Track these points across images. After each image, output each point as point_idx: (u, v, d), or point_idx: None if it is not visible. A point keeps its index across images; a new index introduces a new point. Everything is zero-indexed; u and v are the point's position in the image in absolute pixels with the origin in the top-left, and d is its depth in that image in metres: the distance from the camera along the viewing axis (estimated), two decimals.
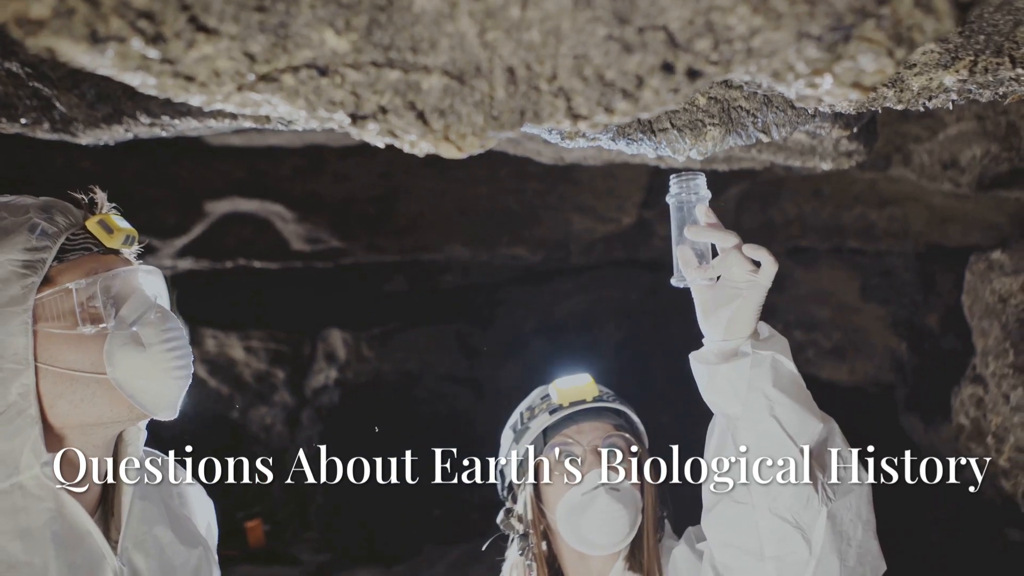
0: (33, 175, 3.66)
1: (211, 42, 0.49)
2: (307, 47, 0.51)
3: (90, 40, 0.46)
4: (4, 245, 1.06)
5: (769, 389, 1.12)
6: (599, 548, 1.41)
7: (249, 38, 0.50)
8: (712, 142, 1.08)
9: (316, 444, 7.01)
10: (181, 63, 0.50)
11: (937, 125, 3.31)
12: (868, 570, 1.15)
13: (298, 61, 0.52)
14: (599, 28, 0.49)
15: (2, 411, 1.04)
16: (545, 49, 0.50)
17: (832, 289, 5.72)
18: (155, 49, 0.48)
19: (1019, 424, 3.04)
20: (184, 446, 1.38)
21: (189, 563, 1.25)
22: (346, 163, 4.71)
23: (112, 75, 0.51)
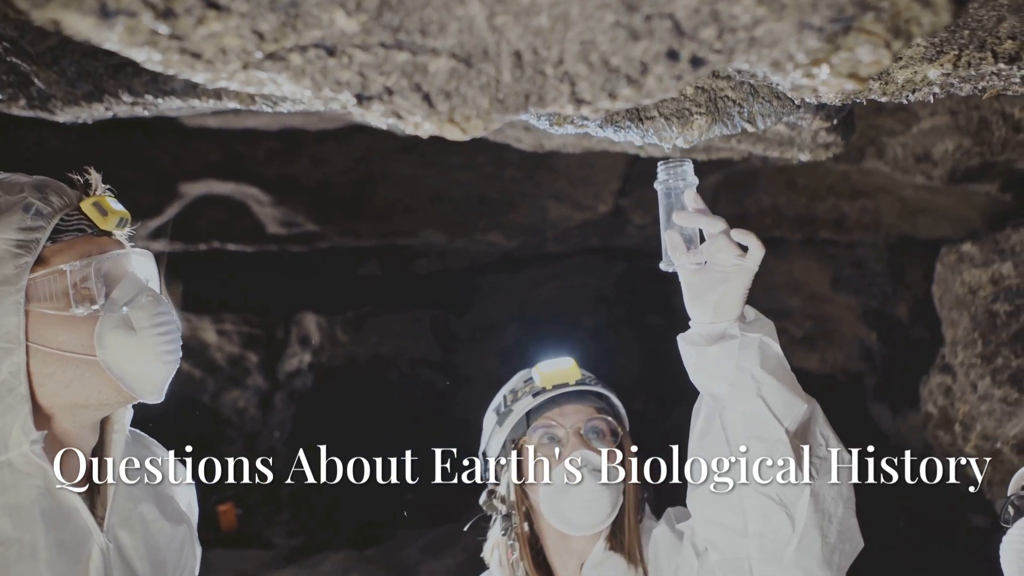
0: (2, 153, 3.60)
1: (221, 19, 0.49)
2: (316, 27, 0.51)
3: (99, 14, 0.46)
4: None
5: (756, 370, 1.15)
6: (581, 528, 1.43)
7: (259, 16, 0.50)
8: (699, 131, 1.10)
9: (289, 428, 6.99)
10: (189, 39, 0.50)
11: (911, 119, 3.36)
12: (848, 546, 1.18)
13: (306, 40, 0.52)
14: (607, 15, 0.50)
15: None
16: (553, 34, 0.51)
17: (804, 279, 5.80)
18: (165, 24, 0.48)
19: (986, 413, 3.12)
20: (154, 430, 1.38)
21: (174, 540, 1.26)
22: (323, 147, 4.68)
23: (117, 50, 0.50)
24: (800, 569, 1.14)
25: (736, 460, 1.16)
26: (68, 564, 1.07)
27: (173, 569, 1.26)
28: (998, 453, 3.06)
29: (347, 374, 7.01)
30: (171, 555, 1.26)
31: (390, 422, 6.51)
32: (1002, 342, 3.14)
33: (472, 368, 6.91)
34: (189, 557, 1.32)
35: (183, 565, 1.29)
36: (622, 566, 1.45)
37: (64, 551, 1.07)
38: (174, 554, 1.27)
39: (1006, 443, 3.00)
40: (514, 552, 1.50)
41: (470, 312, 7.18)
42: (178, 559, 1.28)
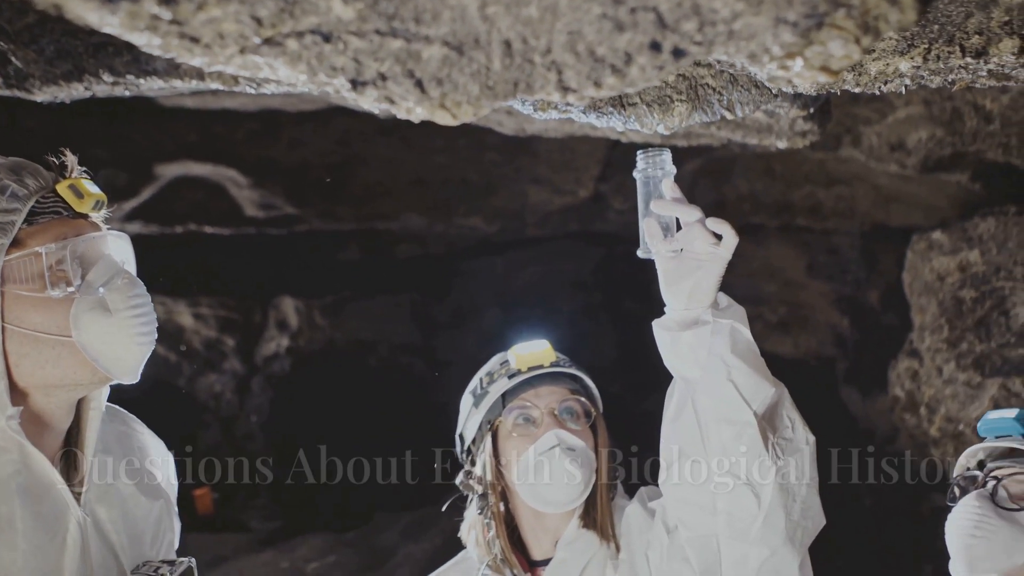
0: None
1: (220, 5, 0.50)
2: (313, 13, 0.52)
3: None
4: None
5: (727, 355, 1.19)
6: (555, 506, 1.47)
7: (258, 2, 0.51)
8: (679, 118, 1.12)
9: (267, 413, 6.98)
10: (188, 24, 0.51)
11: (887, 108, 3.42)
12: (810, 523, 1.23)
13: (303, 27, 0.53)
14: (594, 6, 0.52)
15: None
16: (542, 24, 0.53)
17: (780, 265, 5.87)
18: (166, 9, 0.49)
19: (950, 396, 3.20)
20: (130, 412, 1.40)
21: (151, 515, 1.28)
22: (302, 129, 4.65)
23: (117, 34, 0.52)
24: (765, 545, 1.19)
25: (706, 441, 1.19)
26: (46, 536, 1.08)
27: (151, 542, 1.28)
28: (960, 435, 3.15)
29: (325, 358, 7.00)
30: (148, 528, 1.28)
31: (369, 406, 6.52)
32: (967, 328, 3.22)
33: (451, 352, 6.93)
34: (167, 531, 1.34)
35: (161, 539, 1.31)
36: (595, 543, 1.49)
37: (41, 524, 1.08)
38: (151, 527, 1.28)
39: (968, 425, 3.09)
40: (490, 530, 1.53)
41: (449, 296, 7.19)
42: (155, 532, 1.30)
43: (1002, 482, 1.42)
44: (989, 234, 3.30)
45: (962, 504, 1.44)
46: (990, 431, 1.49)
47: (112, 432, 1.28)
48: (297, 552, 5.73)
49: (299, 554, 5.71)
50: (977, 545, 1.37)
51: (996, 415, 1.49)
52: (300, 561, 5.60)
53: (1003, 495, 1.40)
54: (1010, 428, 1.46)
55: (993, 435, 1.49)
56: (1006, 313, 3.15)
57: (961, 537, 1.40)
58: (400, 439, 6.29)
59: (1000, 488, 1.41)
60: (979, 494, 1.42)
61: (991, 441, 1.49)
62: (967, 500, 1.43)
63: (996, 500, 1.40)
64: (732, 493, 1.19)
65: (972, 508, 1.40)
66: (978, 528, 1.37)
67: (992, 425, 1.49)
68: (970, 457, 1.53)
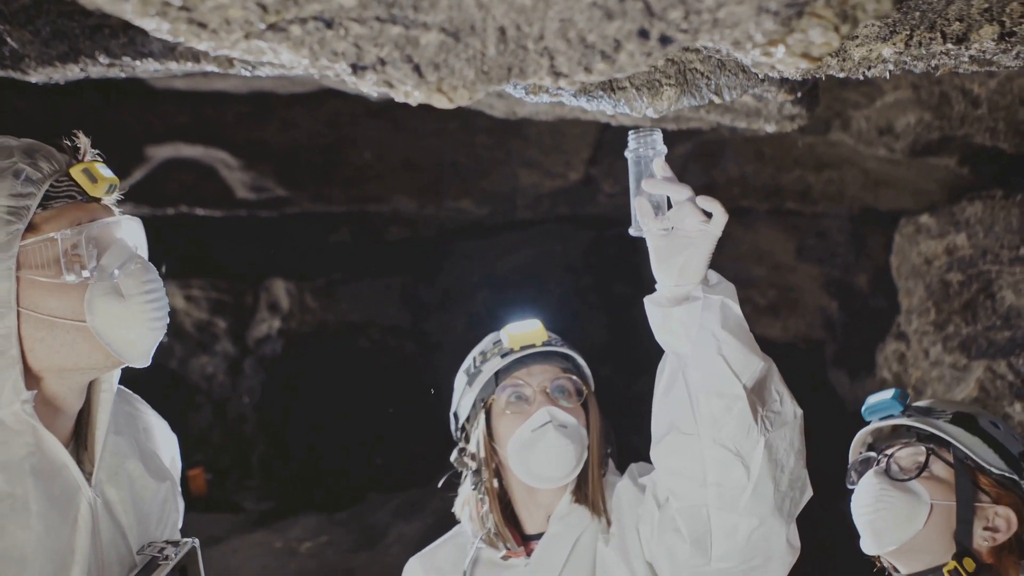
0: None
1: None
2: (316, 0, 0.54)
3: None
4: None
5: (718, 330, 1.22)
6: (547, 481, 1.50)
7: None
8: (668, 101, 1.14)
9: (259, 394, 7.00)
10: (197, 10, 0.53)
11: (875, 92, 3.44)
12: (798, 494, 1.27)
13: (306, 13, 0.55)
14: None
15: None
16: (535, 12, 0.55)
17: (769, 249, 5.90)
18: None
19: (936, 378, 3.25)
20: None
21: (158, 495, 1.30)
22: (292, 111, 4.64)
23: (129, 19, 0.53)
24: (754, 515, 1.23)
25: (697, 414, 1.23)
26: (58, 517, 1.10)
27: (156, 523, 1.30)
28: None
29: (317, 340, 7.02)
30: (155, 509, 1.29)
31: (359, 388, 6.55)
32: (954, 310, 3.27)
33: (441, 334, 6.96)
34: (172, 512, 1.36)
35: (166, 519, 1.33)
36: (586, 517, 1.52)
37: (54, 505, 1.10)
38: (157, 508, 1.30)
39: None
40: (484, 506, 1.57)
41: (440, 279, 7.21)
42: (161, 513, 1.31)
43: (892, 457, 1.51)
44: (976, 218, 3.34)
45: (861, 484, 1.53)
46: (873, 413, 1.58)
47: (121, 413, 1.30)
48: (290, 532, 5.78)
49: (292, 534, 5.75)
50: (879, 518, 1.47)
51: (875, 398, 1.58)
52: (293, 541, 5.65)
53: (896, 469, 1.50)
54: (890, 407, 1.55)
55: (878, 416, 1.57)
56: (992, 296, 3.19)
57: (865, 514, 1.49)
58: (391, 420, 6.34)
59: (892, 463, 1.51)
60: (875, 471, 1.52)
61: (877, 423, 1.57)
62: (865, 479, 1.52)
63: (890, 474, 1.49)
64: (722, 464, 1.22)
65: (871, 485, 1.50)
66: (879, 502, 1.47)
67: (874, 408, 1.57)
68: (860, 443, 1.63)
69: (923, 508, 1.44)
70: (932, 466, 1.48)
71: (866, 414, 1.59)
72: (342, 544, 5.55)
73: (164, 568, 1.20)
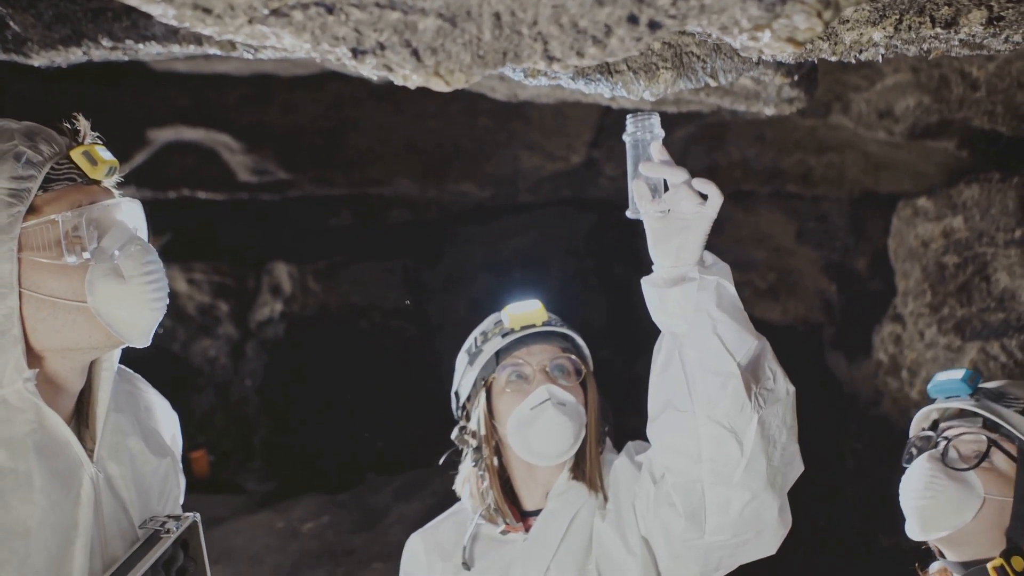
0: None
1: None
2: None
3: None
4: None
5: (713, 310, 1.24)
6: (546, 458, 1.54)
7: None
8: (664, 84, 1.16)
9: (261, 377, 7.04)
10: None
11: (875, 75, 3.44)
12: (789, 470, 1.31)
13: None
14: None
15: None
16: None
17: (770, 232, 5.91)
18: None
19: (931, 359, 3.28)
20: None
21: (158, 472, 1.33)
22: (294, 94, 4.64)
23: (135, 4, 0.55)
24: (747, 489, 1.26)
25: (692, 391, 1.25)
26: (61, 492, 1.13)
27: (157, 498, 1.33)
28: None
29: (318, 323, 7.05)
30: (156, 485, 1.32)
31: (361, 371, 6.59)
32: (949, 293, 3.29)
33: (443, 317, 6.98)
34: (173, 487, 1.39)
35: (167, 494, 1.36)
36: (584, 494, 1.56)
37: (57, 480, 1.12)
38: (159, 484, 1.33)
39: None
40: (484, 482, 1.60)
41: (441, 262, 7.22)
42: (162, 489, 1.34)
43: (952, 442, 1.45)
44: (973, 200, 3.36)
45: (914, 465, 1.48)
46: (940, 392, 1.51)
47: (122, 392, 1.32)
48: (292, 513, 5.83)
49: (294, 515, 5.81)
50: (928, 506, 1.41)
51: (944, 376, 1.51)
52: (295, 521, 5.70)
53: (953, 455, 1.44)
54: (958, 389, 1.48)
55: (943, 396, 1.51)
56: (987, 279, 3.21)
57: (913, 499, 1.45)
58: (392, 402, 6.38)
59: (951, 448, 1.45)
60: (930, 455, 1.46)
61: (942, 402, 1.51)
62: (919, 462, 1.47)
63: (946, 461, 1.43)
64: (716, 440, 1.25)
65: (923, 469, 1.44)
66: (928, 489, 1.41)
67: (941, 386, 1.50)
68: (923, 418, 1.56)
69: (975, 501, 1.38)
70: (993, 457, 1.40)
71: (931, 392, 1.52)
72: (343, 524, 5.61)
73: (166, 541, 1.23)
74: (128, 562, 1.17)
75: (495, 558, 1.56)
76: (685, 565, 1.41)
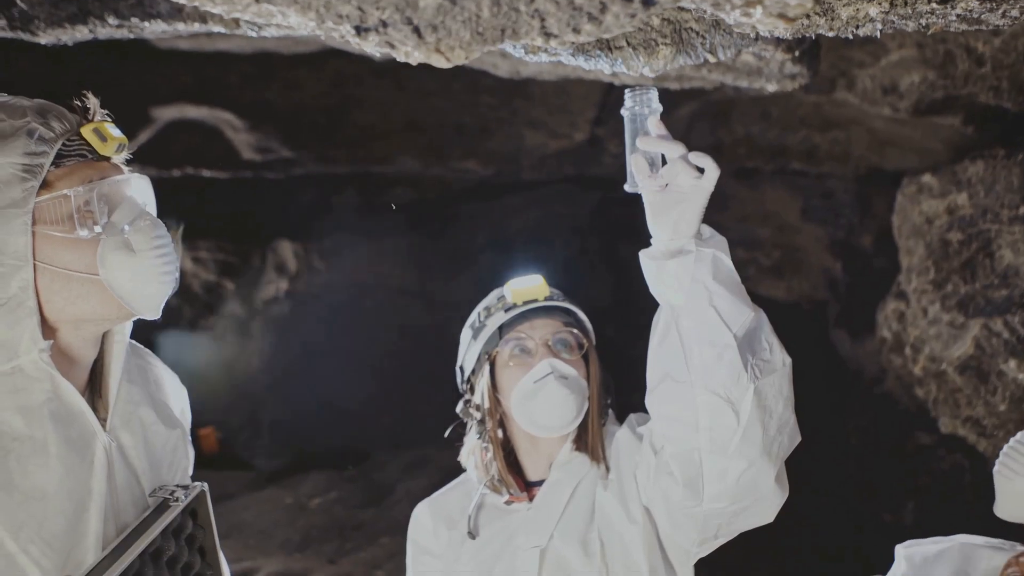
0: None
1: None
2: None
3: None
4: (4, 148, 1.12)
5: (709, 282, 1.26)
6: (549, 430, 1.56)
7: None
8: (664, 60, 1.17)
9: (267, 354, 7.10)
10: None
11: (880, 51, 3.42)
12: (786, 439, 1.32)
13: None
14: None
15: (4, 302, 1.12)
16: None
17: (775, 209, 5.90)
18: None
19: (934, 336, 3.29)
20: None
21: (168, 443, 1.36)
22: (296, 71, 4.63)
23: None
24: (743, 458, 1.28)
25: (690, 362, 1.27)
26: (76, 459, 1.16)
27: (168, 469, 1.37)
28: (943, 374, 3.24)
29: (323, 301, 7.10)
30: (166, 455, 1.36)
31: (366, 348, 6.63)
32: (953, 269, 3.29)
33: (447, 295, 7.01)
34: (182, 458, 1.42)
35: (176, 465, 1.40)
36: (586, 464, 1.59)
37: (72, 448, 1.16)
38: (168, 454, 1.37)
39: (950, 364, 3.18)
40: (488, 454, 1.63)
41: (445, 240, 7.24)
42: (172, 459, 1.38)
43: None
44: (978, 177, 3.35)
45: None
46: None
47: (133, 366, 1.36)
48: (300, 488, 5.91)
49: (302, 490, 5.88)
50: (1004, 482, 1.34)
51: None
52: (303, 497, 5.78)
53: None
54: None
55: None
56: (991, 255, 3.22)
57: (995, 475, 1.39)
58: (397, 379, 6.43)
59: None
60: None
61: None
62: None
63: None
64: (713, 410, 1.27)
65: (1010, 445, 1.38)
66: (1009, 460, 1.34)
67: None
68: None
69: None
70: None
71: None
72: (351, 500, 5.68)
73: (175, 509, 1.27)
74: (138, 528, 1.21)
75: (500, 527, 1.59)
76: (685, 533, 1.44)
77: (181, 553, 1.32)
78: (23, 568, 1.09)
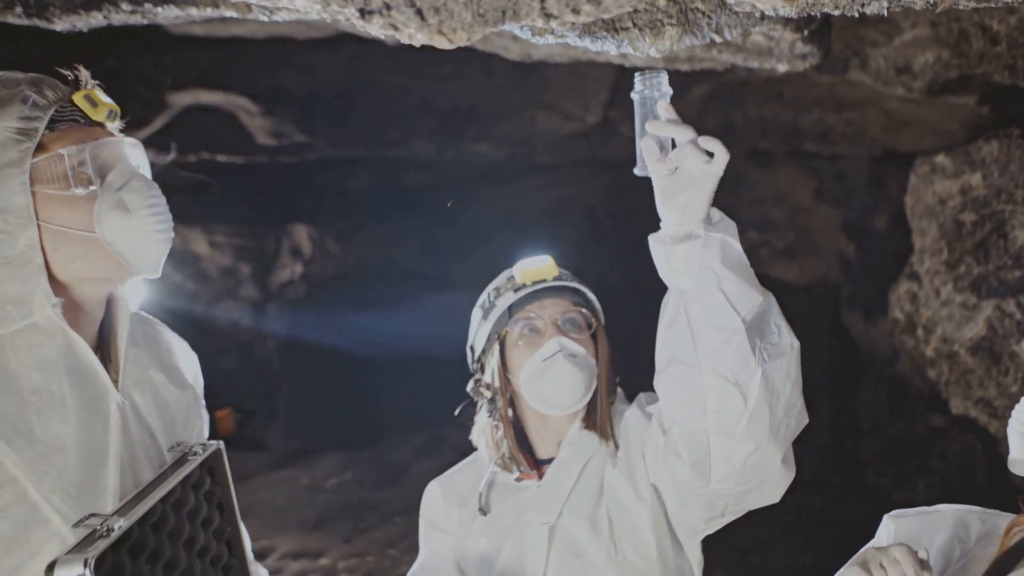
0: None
1: None
2: None
3: None
4: (0, 114, 1.16)
5: (718, 266, 1.27)
6: (558, 408, 1.59)
7: None
8: (670, 41, 1.18)
9: (283, 337, 7.16)
10: None
11: (893, 30, 3.38)
12: (793, 421, 1.33)
13: None
14: None
15: (13, 259, 1.17)
16: None
17: (788, 191, 5.87)
18: None
19: (946, 317, 3.28)
20: None
21: (181, 402, 1.41)
22: (310, 56, 4.65)
23: None
24: (750, 441, 1.30)
25: (698, 346, 1.29)
26: (91, 415, 1.21)
27: (183, 428, 1.41)
28: (955, 355, 3.24)
29: (338, 284, 7.14)
30: (179, 415, 1.40)
31: (380, 330, 6.68)
32: (966, 250, 3.28)
33: (460, 277, 7.03)
34: (196, 419, 1.47)
35: (191, 425, 1.44)
36: (595, 442, 1.61)
37: (87, 404, 1.20)
38: (182, 414, 1.41)
39: (962, 345, 3.17)
40: (498, 432, 1.66)
41: (459, 223, 7.26)
42: (186, 419, 1.42)
43: None
44: (992, 157, 3.32)
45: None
46: None
47: (141, 333, 1.40)
48: (315, 469, 5.99)
49: (317, 471, 5.96)
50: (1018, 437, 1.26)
51: None
52: (319, 478, 5.86)
53: None
54: None
55: None
56: (1005, 236, 3.20)
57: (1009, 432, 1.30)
58: (410, 362, 6.47)
59: None
60: None
61: None
62: None
63: None
64: (721, 393, 1.28)
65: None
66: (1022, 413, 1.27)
67: None
68: None
69: None
70: None
71: None
72: (365, 480, 5.76)
73: (193, 463, 1.31)
74: (157, 480, 1.25)
75: (510, 504, 1.62)
76: (692, 511, 1.47)
77: (200, 507, 1.35)
78: (45, 515, 1.14)
